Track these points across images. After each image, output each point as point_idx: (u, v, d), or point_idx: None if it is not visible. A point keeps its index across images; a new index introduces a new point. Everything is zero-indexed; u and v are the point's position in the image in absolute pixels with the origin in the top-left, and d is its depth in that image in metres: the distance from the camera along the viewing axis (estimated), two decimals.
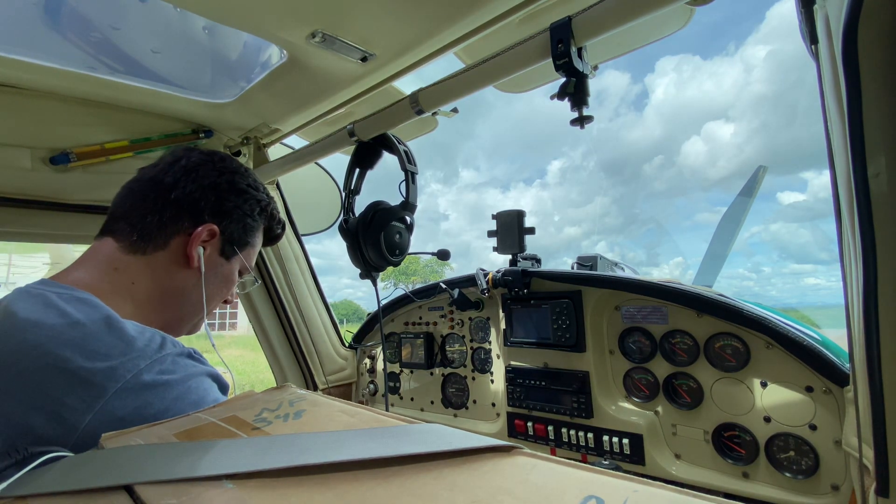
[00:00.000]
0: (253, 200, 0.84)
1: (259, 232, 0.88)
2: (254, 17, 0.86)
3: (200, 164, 0.79)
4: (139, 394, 0.55)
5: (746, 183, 2.88)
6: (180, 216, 0.75)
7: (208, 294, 0.80)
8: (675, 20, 0.94)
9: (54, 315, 0.58)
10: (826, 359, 0.93)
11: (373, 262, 1.20)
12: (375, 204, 1.21)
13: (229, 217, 0.80)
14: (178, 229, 0.75)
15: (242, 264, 0.86)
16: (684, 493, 0.28)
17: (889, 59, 0.42)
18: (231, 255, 0.83)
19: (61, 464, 0.40)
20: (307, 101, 1.20)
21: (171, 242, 0.75)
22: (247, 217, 0.83)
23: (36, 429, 0.51)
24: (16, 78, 1.06)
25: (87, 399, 0.52)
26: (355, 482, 0.33)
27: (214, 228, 0.78)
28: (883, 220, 0.46)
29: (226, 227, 0.80)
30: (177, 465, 0.36)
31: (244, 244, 0.84)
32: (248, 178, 0.85)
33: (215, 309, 0.88)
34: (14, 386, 0.52)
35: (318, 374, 1.76)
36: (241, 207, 0.82)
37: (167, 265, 0.75)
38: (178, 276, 0.76)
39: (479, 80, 0.96)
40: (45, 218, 1.25)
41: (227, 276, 0.84)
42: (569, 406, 1.27)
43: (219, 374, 0.67)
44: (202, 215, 0.77)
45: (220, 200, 0.79)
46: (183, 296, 0.78)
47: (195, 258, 0.76)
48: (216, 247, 0.80)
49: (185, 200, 0.76)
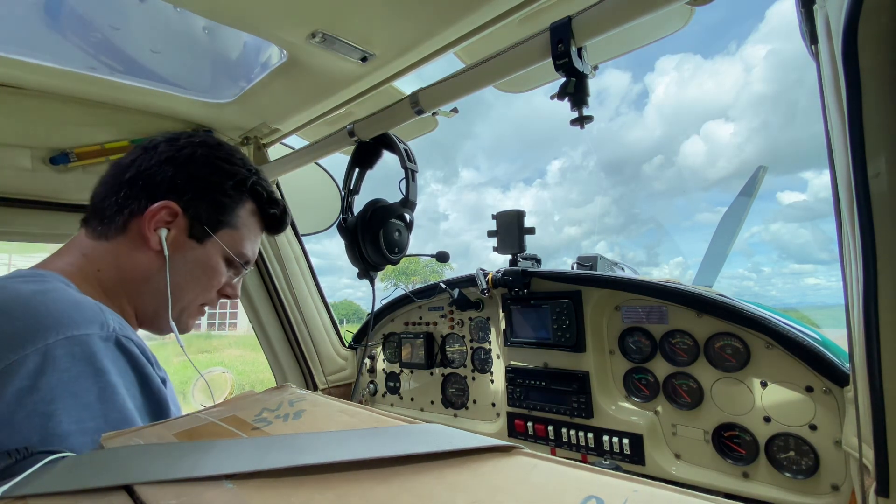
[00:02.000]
0: (220, 172, 0.74)
1: (240, 211, 0.78)
2: (254, 17, 0.86)
3: (162, 142, 0.74)
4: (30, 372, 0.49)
5: (746, 183, 2.88)
6: (136, 196, 0.69)
7: (179, 282, 0.73)
8: (675, 20, 0.94)
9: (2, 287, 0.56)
10: (826, 359, 0.93)
11: (371, 261, 1.19)
12: (374, 201, 1.21)
13: (191, 192, 0.72)
14: (134, 210, 0.69)
15: (225, 252, 0.77)
16: (684, 493, 0.28)
17: (889, 59, 0.42)
18: (203, 237, 0.74)
19: (61, 464, 0.40)
20: (307, 101, 1.20)
21: (130, 225, 0.70)
22: (214, 192, 0.74)
23: None
24: (16, 78, 1.06)
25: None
26: (355, 482, 0.33)
27: (172, 205, 0.70)
28: (883, 220, 0.46)
29: (188, 203, 0.71)
30: (177, 465, 0.36)
31: (217, 223, 0.75)
32: (217, 151, 0.76)
33: (206, 301, 0.80)
34: None
35: (318, 374, 1.76)
36: (204, 179, 0.73)
37: (129, 250, 0.70)
38: (140, 262, 0.70)
39: (479, 80, 0.96)
40: (45, 218, 1.25)
41: (202, 262, 0.75)
42: (569, 406, 1.27)
43: (151, 374, 0.59)
44: (158, 192, 0.70)
45: (177, 174, 0.71)
46: (148, 283, 0.71)
47: (153, 239, 0.69)
48: (182, 227, 0.72)
49: (140, 178, 0.70)
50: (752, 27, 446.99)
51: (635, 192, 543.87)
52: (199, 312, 0.82)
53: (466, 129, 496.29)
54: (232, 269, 0.81)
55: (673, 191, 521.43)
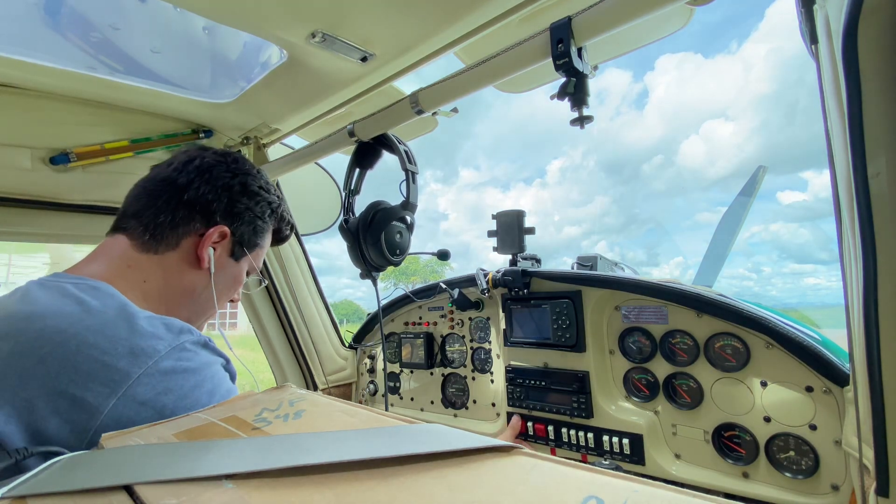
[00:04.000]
0: (264, 203, 0.85)
1: (268, 233, 0.89)
2: (254, 17, 0.86)
3: (214, 165, 0.80)
4: (160, 379, 0.56)
5: (746, 183, 2.88)
6: (192, 217, 0.76)
7: (219, 294, 0.81)
8: (676, 20, 0.94)
9: (71, 303, 0.59)
10: (826, 359, 0.93)
11: (373, 262, 1.20)
12: (376, 203, 1.21)
13: (240, 219, 0.81)
14: (189, 230, 0.76)
15: (250, 265, 0.86)
16: (684, 493, 0.28)
17: (889, 59, 0.42)
18: (240, 257, 0.83)
19: (61, 464, 0.40)
20: (307, 101, 1.20)
21: (183, 243, 0.76)
22: (257, 219, 0.84)
23: (60, 413, 0.51)
24: (16, 78, 1.06)
25: (110, 384, 0.53)
26: (355, 482, 0.33)
27: (226, 230, 0.78)
28: (883, 220, 0.46)
29: (236, 228, 0.81)
30: (177, 465, 0.36)
31: (253, 245, 0.85)
32: (260, 180, 0.86)
33: (223, 309, 0.88)
34: (36, 372, 0.52)
35: (318, 374, 1.76)
36: (252, 210, 0.83)
37: (178, 265, 0.76)
38: (188, 277, 0.77)
39: (479, 80, 0.96)
40: (45, 218, 1.25)
41: (235, 277, 0.84)
42: (569, 406, 1.27)
43: (229, 365, 0.69)
44: (214, 217, 0.78)
45: (233, 202, 0.80)
46: (192, 296, 0.78)
47: (206, 259, 0.76)
48: (226, 248, 0.80)
49: (198, 202, 0.76)
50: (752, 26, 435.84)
51: (635, 192, 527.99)
52: None
53: (466, 129, 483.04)
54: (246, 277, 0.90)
55: (673, 191, 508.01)
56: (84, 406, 0.52)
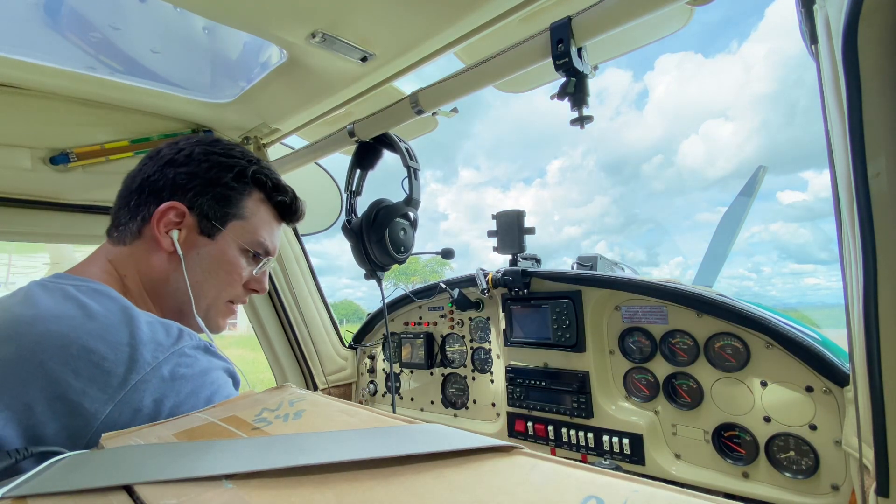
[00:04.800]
0: (219, 167, 0.75)
1: (247, 201, 0.78)
2: (254, 17, 0.86)
3: (164, 147, 0.76)
4: (157, 385, 0.56)
5: (746, 183, 2.88)
6: (145, 201, 0.73)
7: (198, 279, 0.75)
8: (675, 20, 0.94)
9: (73, 306, 0.59)
10: (826, 359, 0.93)
11: (378, 261, 1.19)
12: (378, 202, 1.20)
13: (192, 190, 0.73)
14: (145, 215, 0.72)
15: (239, 244, 0.77)
16: (684, 493, 0.28)
17: (889, 59, 0.42)
18: (214, 233, 0.75)
19: (61, 464, 0.40)
20: (307, 101, 1.20)
21: (143, 230, 0.73)
22: (214, 186, 0.74)
23: (58, 418, 0.51)
24: (16, 78, 1.06)
25: (108, 390, 0.53)
26: (355, 482, 0.33)
27: (178, 205, 0.72)
28: (883, 220, 0.46)
29: (192, 201, 0.73)
30: (176, 465, 0.36)
31: (226, 216, 0.75)
32: (214, 146, 0.77)
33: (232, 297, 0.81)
34: (36, 376, 0.52)
35: (318, 374, 1.76)
36: (202, 176, 0.74)
37: (145, 254, 0.73)
38: (157, 264, 0.73)
39: (479, 80, 0.96)
40: (45, 218, 1.25)
41: (217, 257, 0.76)
42: (569, 406, 1.27)
43: (232, 369, 0.67)
44: (162, 194, 0.72)
45: (178, 174, 0.73)
46: (168, 284, 0.74)
47: (164, 241, 0.72)
48: (192, 225, 0.74)
49: (146, 184, 0.73)
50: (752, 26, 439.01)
51: (635, 192, 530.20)
52: (228, 311, 0.83)
53: (466, 129, 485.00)
54: (252, 261, 0.81)
55: (672, 190, 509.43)
56: (81, 411, 0.51)
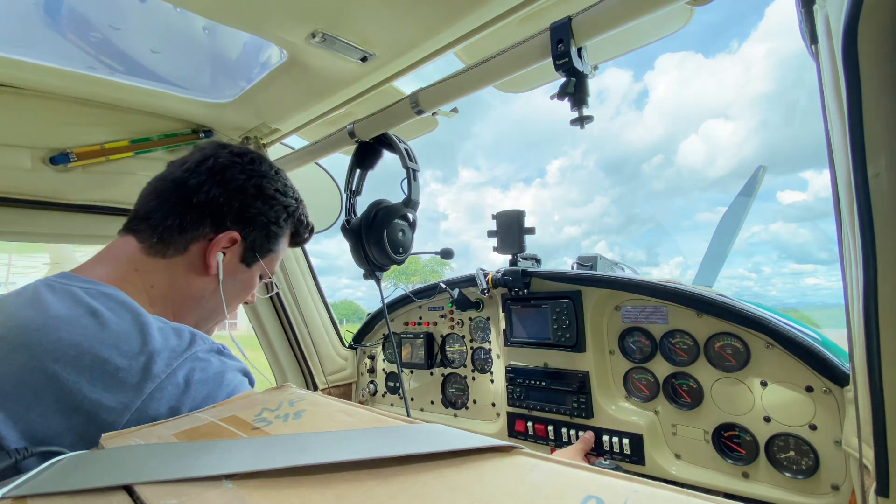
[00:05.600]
0: (280, 207, 0.80)
1: (284, 238, 0.85)
2: (254, 17, 0.86)
3: (228, 167, 0.76)
4: (173, 393, 0.55)
5: (746, 183, 2.88)
6: (202, 221, 0.73)
7: (226, 300, 0.78)
8: (676, 20, 0.94)
9: (84, 312, 0.57)
10: (826, 359, 0.93)
11: (377, 262, 1.19)
12: (377, 202, 1.21)
13: (253, 224, 0.76)
14: (198, 235, 0.73)
15: (263, 270, 0.83)
16: (684, 493, 0.28)
17: (889, 59, 0.42)
18: (252, 263, 0.79)
19: (61, 464, 0.40)
20: (307, 101, 1.20)
21: (192, 247, 0.73)
22: (271, 224, 0.79)
23: (75, 429, 0.51)
24: (16, 78, 1.06)
25: (124, 400, 0.52)
26: (355, 482, 0.33)
27: (236, 236, 0.75)
28: (883, 220, 0.46)
29: (248, 234, 0.76)
30: (177, 465, 0.36)
31: (266, 251, 0.80)
32: (276, 183, 0.80)
33: (233, 314, 0.86)
34: (51, 387, 0.51)
35: (318, 374, 1.76)
36: (265, 214, 0.78)
37: (185, 271, 0.73)
38: (195, 283, 0.74)
39: (479, 80, 0.96)
40: (45, 218, 1.25)
41: (246, 283, 0.81)
42: (569, 406, 1.27)
43: (247, 369, 0.67)
44: (224, 221, 0.74)
45: (245, 207, 0.75)
46: (199, 302, 0.76)
47: (214, 265, 0.73)
48: (237, 253, 0.77)
49: (208, 205, 0.73)
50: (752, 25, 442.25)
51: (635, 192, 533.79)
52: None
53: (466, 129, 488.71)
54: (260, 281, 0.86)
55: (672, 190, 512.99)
56: (97, 422, 0.51)
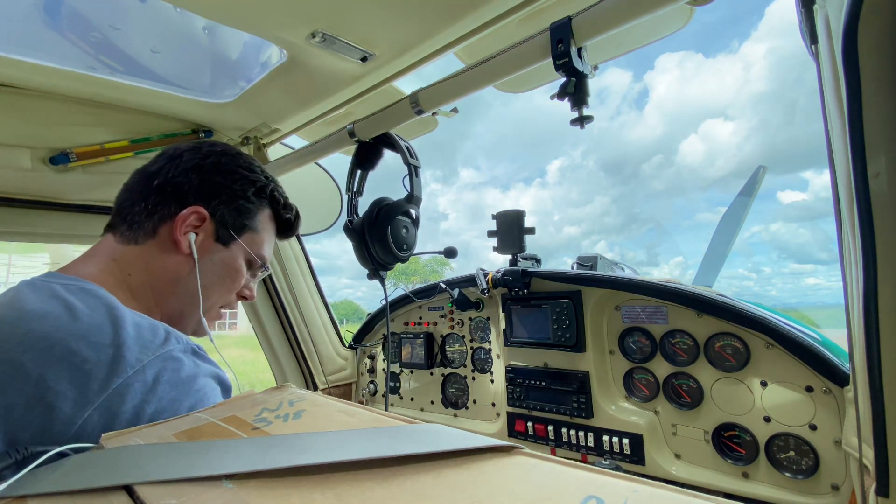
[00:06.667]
0: (244, 180, 0.79)
1: (260, 215, 0.83)
2: (254, 17, 0.86)
3: (186, 151, 0.78)
4: (139, 391, 0.54)
5: (746, 183, 2.88)
6: (165, 202, 0.73)
7: (206, 283, 0.77)
8: (676, 20, 0.94)
9: (58, 305, 0.57)
10: (826, 359, 0.93)
11: (380, 260, 1.18)
12: (379, 200, 1.20)
13: (217, 198, 0.76)
14: (165, 215, 0.73)
15: (248, 254, 0.81)
16: (684, 493, 0.28)
17: (889, 59, 0.42)
18: (228, 241, 0.78)
19: (61, 464, 0.40)
20: (307, 101, 1.20)
21: (160, 230, 0.73)
22: (238, 198, 0.78)
23: (36, 421, 0.50)
24: (16, 78, 1.06)
25: (88, 393, 0.51)
26: (355, 482, 0.33)
27: (201, 211, 0.74)
28: (883, 220, 0.46)
29: (215, 209, 0.76)
30: (176, 465, 0.36)
31: (242, 227, 0.79)
32: (238, 160, 0.81)
33: (226, 303, 0.84)
34: (18, 378, 0.51)
35: (318, 374, 1.76)
36: (229, 188, 0.77)
37: (159, 254, 0.73)
38: (170, 265, 0.74)
39: (479, 80, 0.96)
40: (45, 218, 1.25)
41: (227, 264, 0.79)
42: (569, 406, 1.27)
43: (222, 375, 0.65)
44: (186, 198, 0.74)
45: (204, 181, 0.75)
46: (178, 285, 0.75)
47: (183, 243, 0.73)
48: (209, 231, 0.76)
49: (168, 184, 0.74)
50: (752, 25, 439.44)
51: (635, 192, 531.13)
52: (218, 315, 0.86)
53: (466, 129, 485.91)
54: (250, 270, 0.85)
55: (672, 190, 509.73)
56: (58, 415, 0.50)
